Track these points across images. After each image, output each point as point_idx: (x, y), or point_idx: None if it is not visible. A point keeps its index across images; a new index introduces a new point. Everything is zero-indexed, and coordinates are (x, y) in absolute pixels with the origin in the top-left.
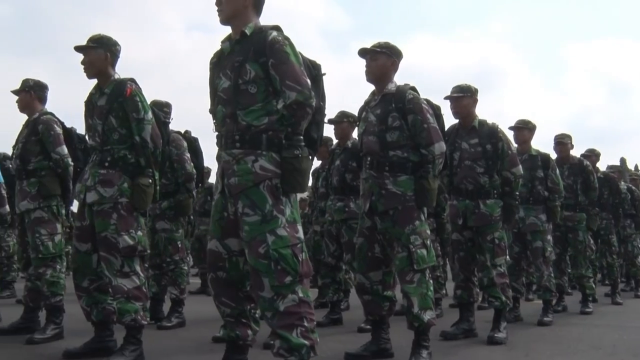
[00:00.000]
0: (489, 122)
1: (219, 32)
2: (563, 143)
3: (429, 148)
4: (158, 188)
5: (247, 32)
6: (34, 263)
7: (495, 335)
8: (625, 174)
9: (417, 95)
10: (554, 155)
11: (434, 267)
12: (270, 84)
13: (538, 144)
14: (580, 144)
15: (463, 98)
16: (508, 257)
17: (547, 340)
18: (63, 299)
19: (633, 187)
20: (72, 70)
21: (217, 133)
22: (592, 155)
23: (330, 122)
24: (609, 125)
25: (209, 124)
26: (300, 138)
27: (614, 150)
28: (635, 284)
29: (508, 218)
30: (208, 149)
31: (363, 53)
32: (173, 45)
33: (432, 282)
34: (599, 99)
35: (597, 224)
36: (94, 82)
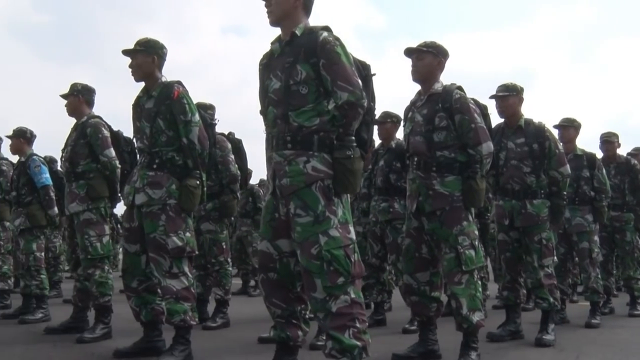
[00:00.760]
0: (535, 121)
1: (253, 33)
2: (610, 142)
3: (477, 148)
4: (205, 189)
5: (297, 32)
6: (83, 264)
7: (544, 337)
8: None
9: (464, 95)
10: (599, 155)
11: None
12: (321, 85)
13: (580, 144)
14: (624, 144)
15: (509, 97)
16: (555, 258)
17: (596, 343)
18: (111, 299)
19: None
20: (117, 76)
21: (267, 134)
22: (639, 154)
23: (374, 122)
24: None
25: (247, 125)
26: (352, 139)
27: None
28: None
29: (556, 218)
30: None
31: (409, 53)
32: (208, 47)
33: (480, 282)
34: None
35: None
36: (141, 85)
